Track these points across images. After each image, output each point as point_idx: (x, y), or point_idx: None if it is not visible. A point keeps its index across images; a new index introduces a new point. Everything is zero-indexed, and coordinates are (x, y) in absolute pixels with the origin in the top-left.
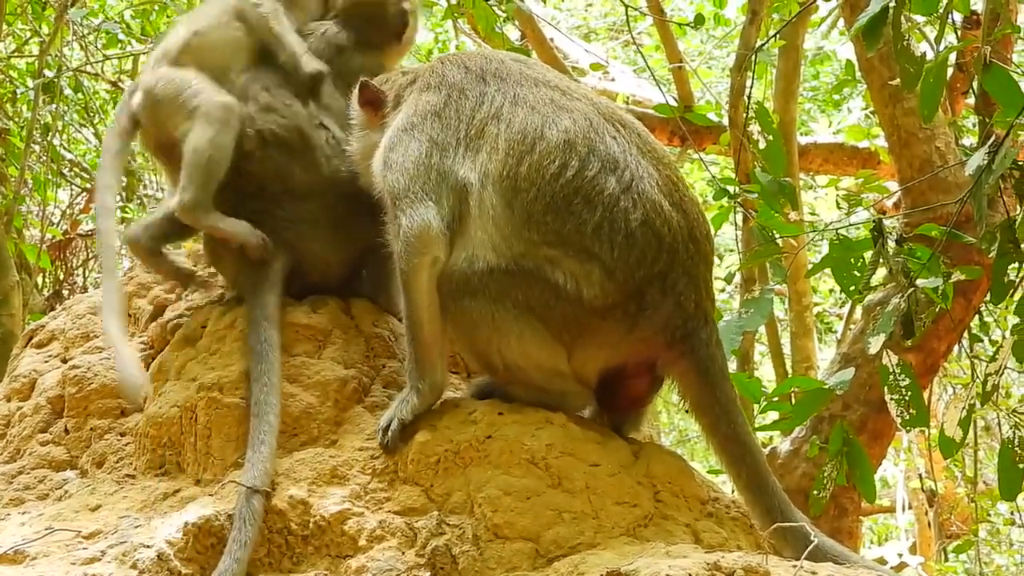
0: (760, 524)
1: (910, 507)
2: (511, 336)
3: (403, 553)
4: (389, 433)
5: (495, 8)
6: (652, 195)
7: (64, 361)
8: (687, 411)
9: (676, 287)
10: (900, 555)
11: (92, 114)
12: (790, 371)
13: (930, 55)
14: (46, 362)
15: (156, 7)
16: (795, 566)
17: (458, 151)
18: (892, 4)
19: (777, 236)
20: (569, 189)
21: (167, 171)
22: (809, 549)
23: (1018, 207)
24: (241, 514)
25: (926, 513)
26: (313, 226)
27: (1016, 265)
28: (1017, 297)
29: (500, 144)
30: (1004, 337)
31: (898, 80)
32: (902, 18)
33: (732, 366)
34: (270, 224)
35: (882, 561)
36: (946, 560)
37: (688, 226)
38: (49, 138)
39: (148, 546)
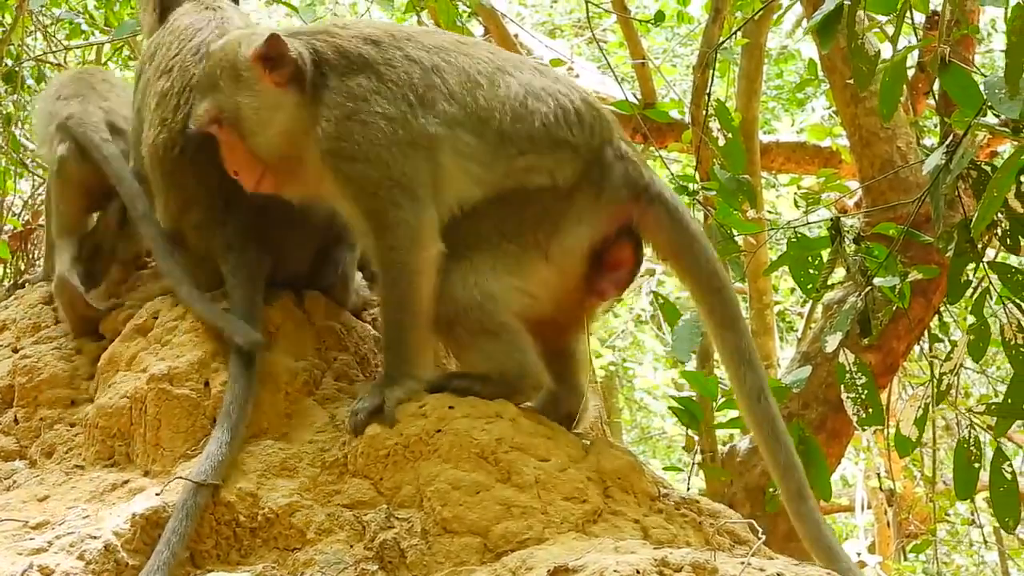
0: (724, 362)
1: (869, 506)
2: (486, 270)
3: (351, 546)
4: (384, 411)
5: (457, 2)
6: (575, 83)
7: (15, 351)
8: (663, 259)
9: (620, 149)
10: (859, 554)
11: None
12: None
13: (891, 55)
14: None
15: None
16: (743, 563)
17: (416, 114)
18: (847, 2)
19: (736, 234)
20: (520, 98)
21: None
22: (759, 543)
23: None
24: (184, 506)
25: (885, 512)
26: (293, 226)
27: (973, 265)
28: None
29: (452, 88)
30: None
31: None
32: (862, 17)
33: (692, 365)
34: (259, 228)
35: None
36: (904, 559)
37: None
38: (11, 128)
39: (95, 537)
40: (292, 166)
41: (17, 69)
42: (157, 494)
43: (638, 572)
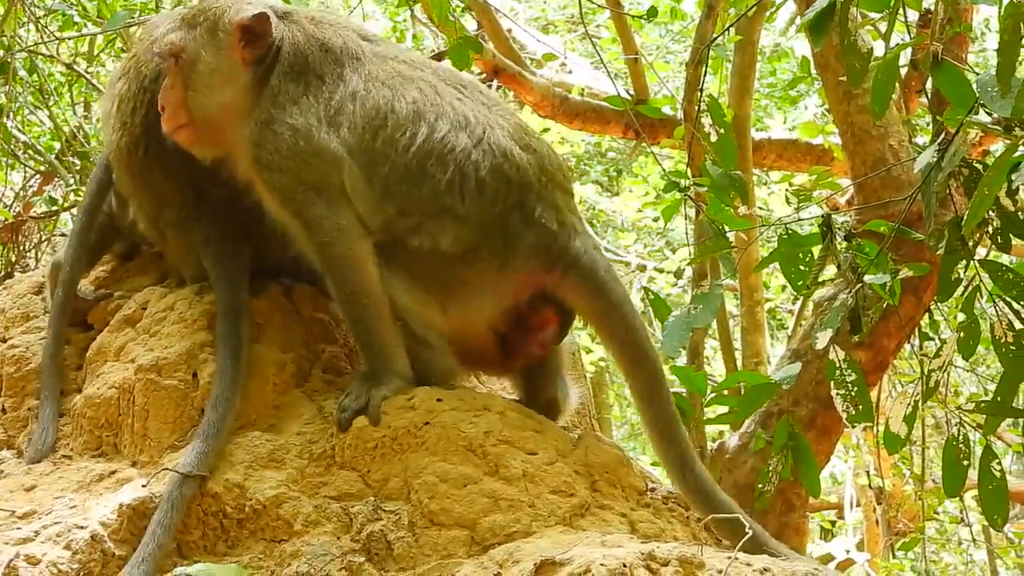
0: (649, 436)
1: (858, 504)
2: (387, 272)
3: (338, 538)
4: (369, 410)
5: None
6: (503, 144)
7: (3, 341)
8: (586, 324)
9: (535, 213)
10: (847, 551)
11: (47, 96)
12: (740, 367)
13: (884, 52)
14: None
15: None
16: (730, 557)
17: (320, 130)
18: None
19: (728, 230)
20: (421, 154)
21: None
22: (746, 538)
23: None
24: (171, 497)
25: (874, 510)
26: (267, 213)
27: (963, 263)
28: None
29: (357, 120)
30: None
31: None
32: (855, 14)
33: (682, 360)
34: (235, 219)
35: (828, 558)
36: (893, 557)
37: (539, 162)
38: (2, 119)
39: (82, 527)
40: (213, 136)
41: (9, 60)
42: (144, 485)
43: (625, 566)
